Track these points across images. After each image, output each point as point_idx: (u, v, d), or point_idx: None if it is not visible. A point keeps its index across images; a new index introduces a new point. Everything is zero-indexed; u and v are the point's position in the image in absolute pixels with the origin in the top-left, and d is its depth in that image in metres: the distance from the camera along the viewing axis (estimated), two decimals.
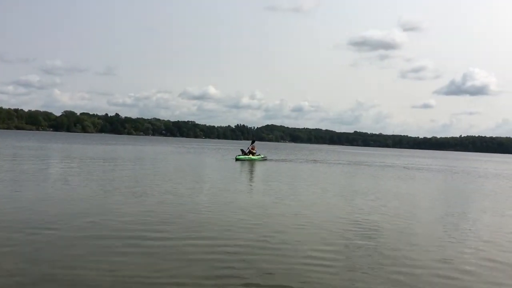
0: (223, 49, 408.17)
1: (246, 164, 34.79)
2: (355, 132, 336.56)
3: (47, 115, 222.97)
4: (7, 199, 12.58)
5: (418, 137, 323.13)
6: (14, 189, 14.60)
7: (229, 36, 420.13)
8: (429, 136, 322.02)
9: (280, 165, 36.74)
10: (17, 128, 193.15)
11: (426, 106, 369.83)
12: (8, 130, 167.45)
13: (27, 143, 56.02)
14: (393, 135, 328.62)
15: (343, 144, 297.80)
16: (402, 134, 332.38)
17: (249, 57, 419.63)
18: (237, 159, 37.38)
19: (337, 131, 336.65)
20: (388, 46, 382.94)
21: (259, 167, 32.66)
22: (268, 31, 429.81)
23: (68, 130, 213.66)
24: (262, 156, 40.15)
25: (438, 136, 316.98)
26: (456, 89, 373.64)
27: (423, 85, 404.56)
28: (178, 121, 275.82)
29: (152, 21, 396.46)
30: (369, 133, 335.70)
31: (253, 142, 40.16)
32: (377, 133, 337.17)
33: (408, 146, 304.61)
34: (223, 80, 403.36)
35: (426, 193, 21.19)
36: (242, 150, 39.01)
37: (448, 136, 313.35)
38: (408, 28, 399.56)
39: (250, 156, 38.21)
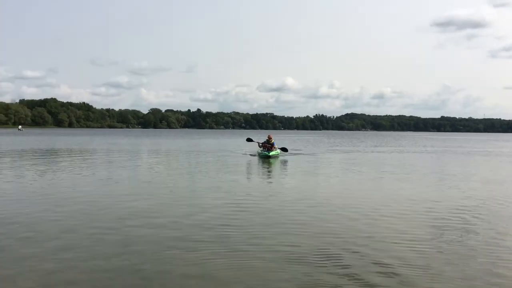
0: (300, 39, 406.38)
1: (321, 157, 34.38)
2: (442, 117, 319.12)
3: (136, 114, 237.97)
4: (100, 193, 13.16)
5: None
6: (105, 182, 15.50)
7: (305, 26, 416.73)
8: None
9: (363, 155, 35.92)
10: (109, 126, 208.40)
11: None
12: (101, 129, 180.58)
13: (122, 140, 60.20)
14: (484, 119, 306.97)
15: (429, 131, 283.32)
16: (495, 118, 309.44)
17: (326, 45, 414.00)
18: (267, 156, 26.84)
19: (422, 117, 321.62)
20: (476, 24, 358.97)
21: (342, 156, 32.24)
22: (345, 17, 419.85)
23: (155, 126, 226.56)
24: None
25: None
26: None
27: None
28: (257, 113, 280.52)
29: (228, 17, 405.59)
30: (457, 117, 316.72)
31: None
32: (467, 117, 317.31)
33: (501, 130, 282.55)
34: (300, 70, 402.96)
35: None
36: (261, 144, 28.79)
37: None
38: (498, 4, 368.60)
39: (277, 150, 28.46)
